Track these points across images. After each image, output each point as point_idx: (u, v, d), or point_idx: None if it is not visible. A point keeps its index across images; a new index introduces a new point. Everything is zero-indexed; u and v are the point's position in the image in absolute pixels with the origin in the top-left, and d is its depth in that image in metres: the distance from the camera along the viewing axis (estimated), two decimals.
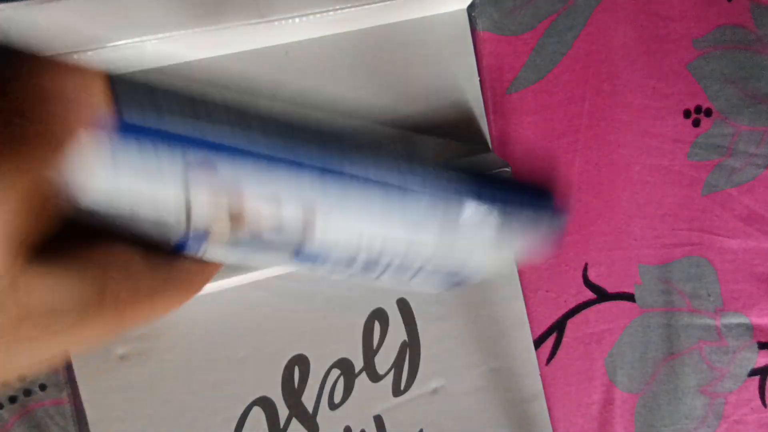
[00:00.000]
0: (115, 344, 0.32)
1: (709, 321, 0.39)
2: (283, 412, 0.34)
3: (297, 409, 0.34)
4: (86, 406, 0.32)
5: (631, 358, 0.38)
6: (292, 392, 0.34)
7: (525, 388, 0.36)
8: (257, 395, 0.33)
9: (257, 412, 0.33)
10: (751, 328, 0.39)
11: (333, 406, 0.34)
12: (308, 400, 0.34)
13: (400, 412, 0.35)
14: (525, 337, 0.36)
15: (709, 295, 0.39)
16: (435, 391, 0.35)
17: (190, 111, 0.17)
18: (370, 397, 0.35)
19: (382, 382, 0.35)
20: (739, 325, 0.39)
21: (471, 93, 0.36)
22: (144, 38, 0.30)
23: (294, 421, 0.34)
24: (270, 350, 0.34)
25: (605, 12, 0.38)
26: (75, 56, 0.30)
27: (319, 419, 0.34)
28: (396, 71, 0.35)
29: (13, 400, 0.32)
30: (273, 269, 0.32)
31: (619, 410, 0.38)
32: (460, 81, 0.36)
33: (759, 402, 0.39)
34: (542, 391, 0.37)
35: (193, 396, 0.33)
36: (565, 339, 0.37)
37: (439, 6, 0.35)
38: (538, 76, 0.37)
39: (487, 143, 0.36)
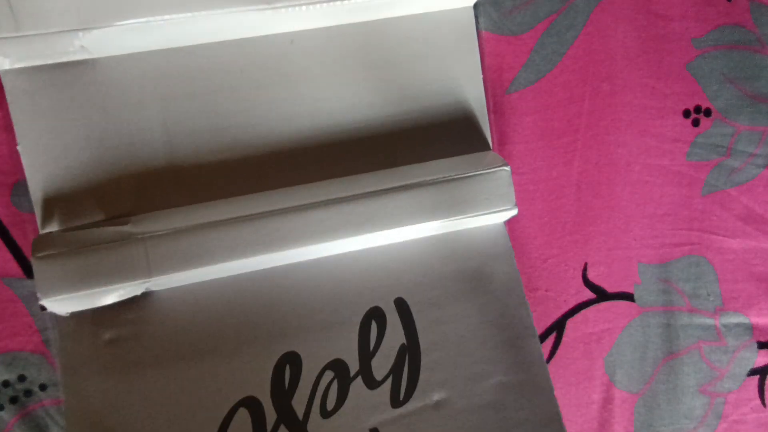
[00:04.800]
0: (105, 327, 0.31)
1: (708, 321, 0.39)
2: (270, 416, 0.31)
3: (286, 414, 0.31)
4: (64, 389, 0.30)
5: (631, 358, 0.38)
6: (281, 394, 0.31)
7: (539, 408, 0.33)
8: (244, 394, 0.31)
9: (243, 414, 0.31)
10: (750, 328, 0.39)
11: (325, 414, 0.31)
12: (298, 404, 0.31)
13: (398, 427, 0.32)
14: (535, 349, 0.33)
15: (708, 295, 0.39)
16: (437, 405, 0.32)
17: None
18: (366, 406, 0.32)
19: (379, 389, 0.32)
20: (738, 324, 0.39)
21: (473, 91, 0.36)
22: (150, 18, 0.30)
23: (282, 428, 0.31)
24: (261, 345, 0.31)
25: (605, 12, 0.38)
26: (80, 33, 0.30)
27: (309, 427, 0.31)
28: (400, 65, 0.35)
29: (13, 400, 0.32)
30: (268, 258, 0.31)
31: (619, 410, 0.38)
32: (463, 78, 0.36)
33: (758, 401, 0.39)
34: (560, 413, 0.33)
35: (176, 390, 0.31)
36: (564, 339, 0.37)
37: (447, 2, 0.35)
38: (538, 76, 0.37)
39: (487, 141, 0.36)
